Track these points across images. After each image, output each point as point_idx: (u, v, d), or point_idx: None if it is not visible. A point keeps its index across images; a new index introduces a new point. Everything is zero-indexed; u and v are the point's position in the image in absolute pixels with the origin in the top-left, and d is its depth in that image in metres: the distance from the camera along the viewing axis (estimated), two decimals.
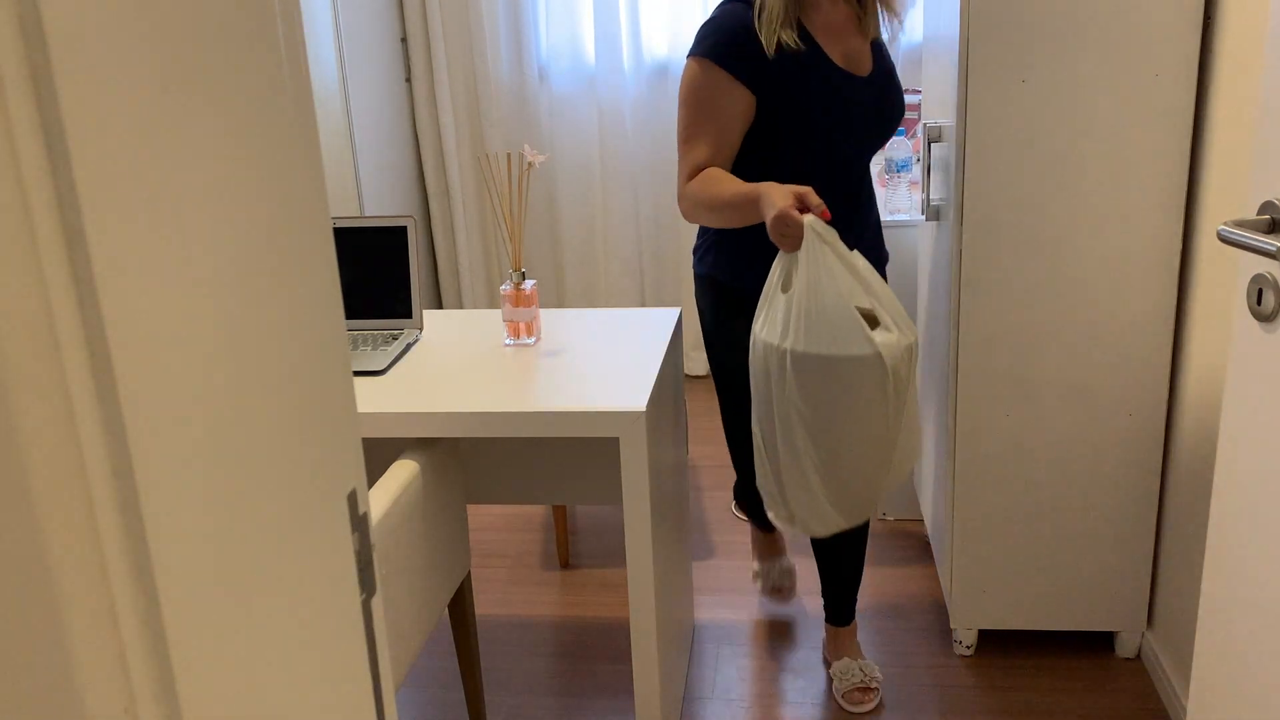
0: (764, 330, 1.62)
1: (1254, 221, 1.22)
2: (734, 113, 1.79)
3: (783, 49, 1.77)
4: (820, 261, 1.55)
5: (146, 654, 0.49)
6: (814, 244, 1.56)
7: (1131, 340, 2.05)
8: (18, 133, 0.41)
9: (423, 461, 1.73)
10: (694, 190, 1.80)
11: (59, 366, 0.43)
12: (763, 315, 1.64)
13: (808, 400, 1.58)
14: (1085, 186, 1.98)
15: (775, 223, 1.57)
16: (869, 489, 1.67)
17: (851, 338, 1.54)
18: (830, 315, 1.54)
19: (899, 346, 1.57)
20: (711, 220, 1.79)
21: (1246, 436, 1.28)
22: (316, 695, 0.65)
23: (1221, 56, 1.85)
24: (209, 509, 0.54)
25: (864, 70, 1.86)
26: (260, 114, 0.59)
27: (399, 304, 2.11)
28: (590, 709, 2.21)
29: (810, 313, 1.55)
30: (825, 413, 1.59)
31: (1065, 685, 2.19)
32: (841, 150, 1.86)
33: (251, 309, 0.58)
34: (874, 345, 1.54)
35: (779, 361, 1.59)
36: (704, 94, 1.79)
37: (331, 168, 3.10)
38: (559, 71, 3.80)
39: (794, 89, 1.78)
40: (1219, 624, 1.37)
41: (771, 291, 1.64)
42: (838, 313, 1.54)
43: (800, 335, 1.56)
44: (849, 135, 1.85)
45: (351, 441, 0.70)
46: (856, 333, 1.54)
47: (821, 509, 1.66)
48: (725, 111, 1.78)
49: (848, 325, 1.54)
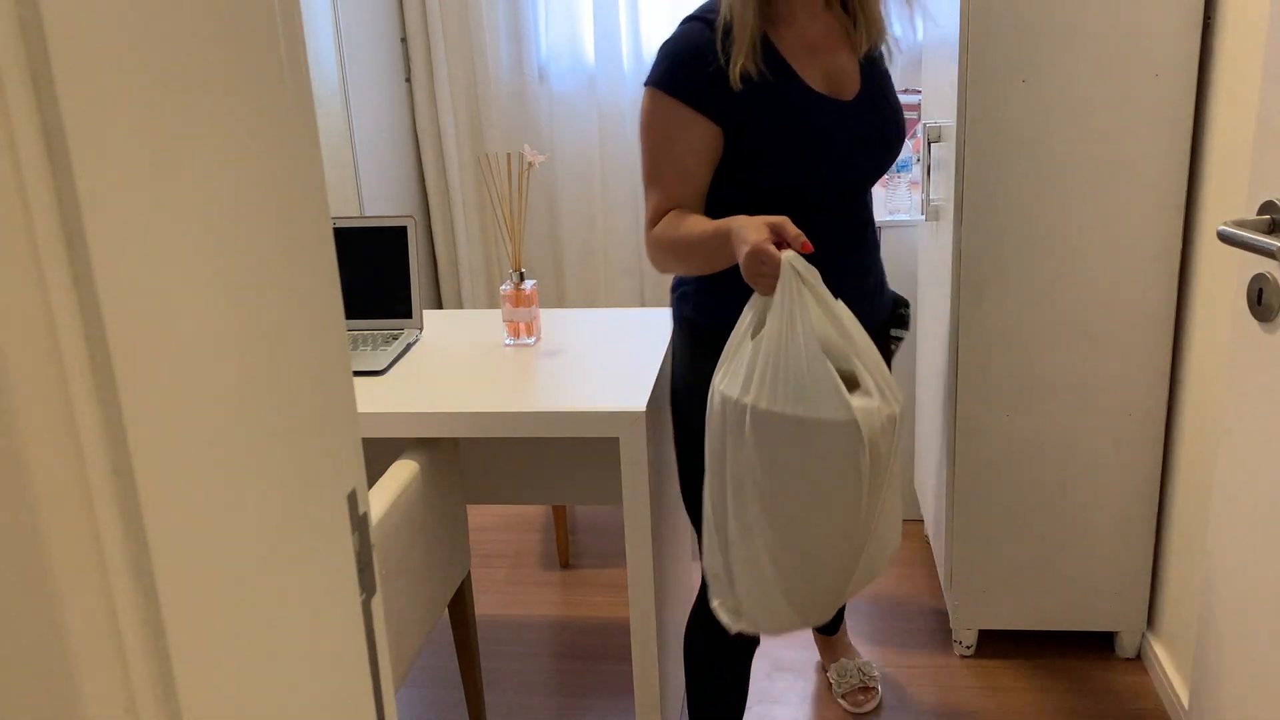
0: (724, 381, 1.40)
1: (1254, 221, 1.22)
2: (696, 149, 1.55)
3: (744, 77, 1.52)
4: (796, 305, 1.33)
5: (146, 654, 0.49)
6: (791, 284, 1.34)
7: (1131, 340, 2.05)
8: (18, 133, 0.41)
9: (423, 461, 1.73)
10: (659, 236, 1.57)
11: (59, 366, 0.43)
12: (726, 365, 1.42)
13: (767, 467, 1.36)
14: (1085, 186, 1.98)
15: (749, 260, 1.36)
16: (833, 583, 1.43)
17: (824, 398, 1.32)
18: (801, 369, 1.32)
19: (879, 415, 1.34)
20: (683, 267, 1.57)
21: (1246, 436, 1.28)
22: (316, 695, 0.65)
23: (1221, 56, 1.85)
24: (209, 509, 0.54)
25: (848, 92, 1.60)
26: (260, 114, 0.59)
27: (399, 304, 2.11)
28: (590, 709, 2.21)
29: (779, 363, 1.33)
30: (786, 484, 1.36)
31: (1065, 685, 2.19)
32: (828, 187, 1.60)
33: (251, 309, 0.58)
34: (849, 410, 1.31)
35: (738, 418, 1.37)
36: (660, 129, 1.55)
37: (331, 168, 3.10)
38: (559, 71, 3.80)
39: (763, 119, 1.54)
40: (1219, 624, 1.37)
41: (739, 338, 1.42)
42: (810, 367, 1.32)
43: (764, 389, 1.34)
44: (835, 169, 1.59)
45: (351, 441, 0.70)
46: (830, 393, 1.32)
47: (774, 601, 1.42)
48: (686, 148, 1.55)
49: (821, 382, 1.32)
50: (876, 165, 1.65)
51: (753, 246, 1.35)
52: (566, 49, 3.78)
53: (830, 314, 1.36)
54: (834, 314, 1.36)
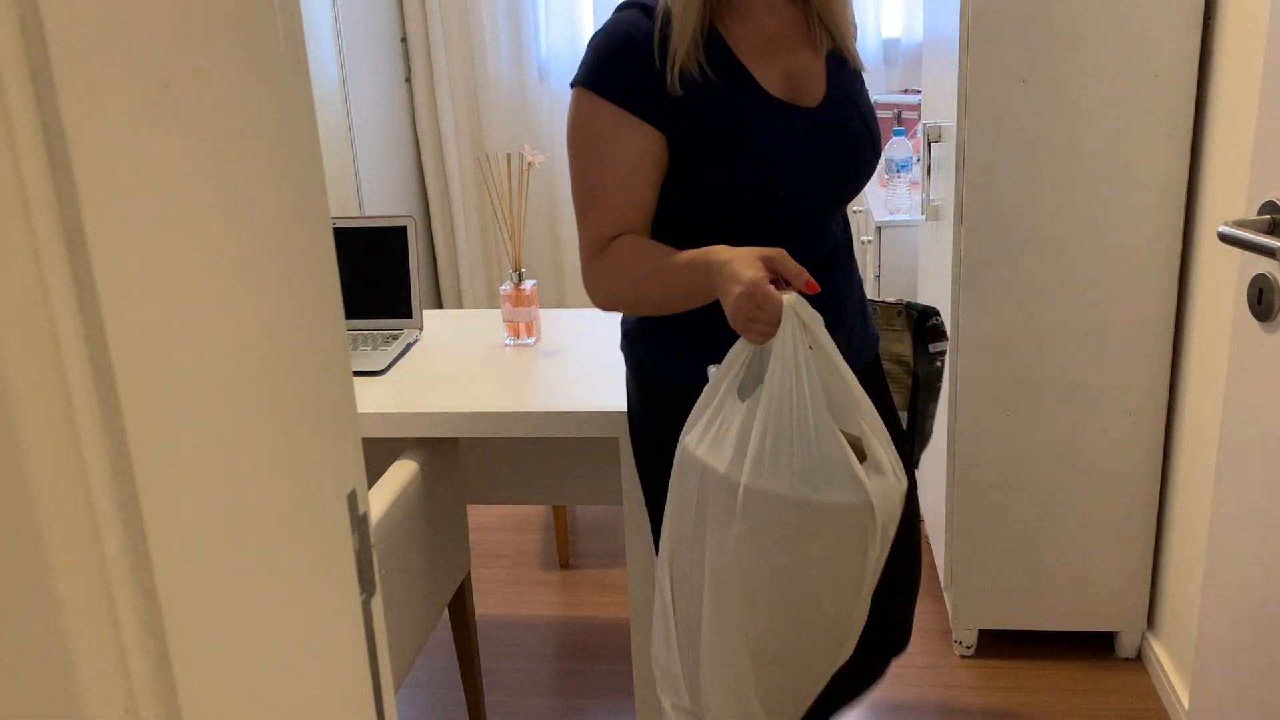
0: (702, 446, 1.17)
1: (1254, 221, 1.22)
2: (637, 161, 1.29)
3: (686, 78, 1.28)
4: (801, 361, 1.11)
5: (146, 654, 0.48)
6: (794, 334, 1.11)
7: (1131, 340, 2.05)
8: (18, 133, 0.41)
9: (423, 461, 1.73)
10: (609, 269, 1.30)
11: (59, 366, 0.43)
12: (701, 423, 1.19)
13: (758, 553, 1.14)
14: (1085, 186, 1.98)
15: (741, 303, 1.12)
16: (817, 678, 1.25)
17: (835, 476, 1.11)
18: (809, 440, 1.11)
19: (893, 495, 1.16)
20: (640, 307, 1.32)
21: (1246, 436, 1.28)
22: (316, 695, 0.65)
23: (1221, 56, 1.85)
24: (209, 509, 0.54)
25: (813, 97, 1.36)
26: (260, 114, 0.59)
27: (399, 304, 2.11)
28: (590, 709, 2.21)
29: (781, 433, 1.11)
30: (779, 573, 1.15)
31: (1065, 685, 2.19)
32: (791, 207, 1.35)
33: (251, 309, 0.58)
34: (864, 491, 1.11)
35: (725, 497, 1.14)
36: (593, 138, 1.30)
37: (331, 168, 3.10)
38: (559, 71, 3.80)
39: (711, 128, 1.30)
40: (1219, 624, 1.37)
41: (720, 392, 1.18)
42: (820, 438, 1.11)
43: (763, 464, 1.11)
44: (799, 187, 1.34)
45: (351, 441, 0.70)
46: (842, 470, 1.11)
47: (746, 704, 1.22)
48: (625, 160, 1.29)
49: (832, 458, 1.11)
50: (845, 184, 1.40)
51: (747, 287, 1.11)
52: (566, 49, 3.78)
53: (834, 369, 1.15)
54: (838, 369, 1.16)
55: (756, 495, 1.12)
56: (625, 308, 1.33)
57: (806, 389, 1.11)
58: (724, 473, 1.14)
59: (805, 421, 1.11)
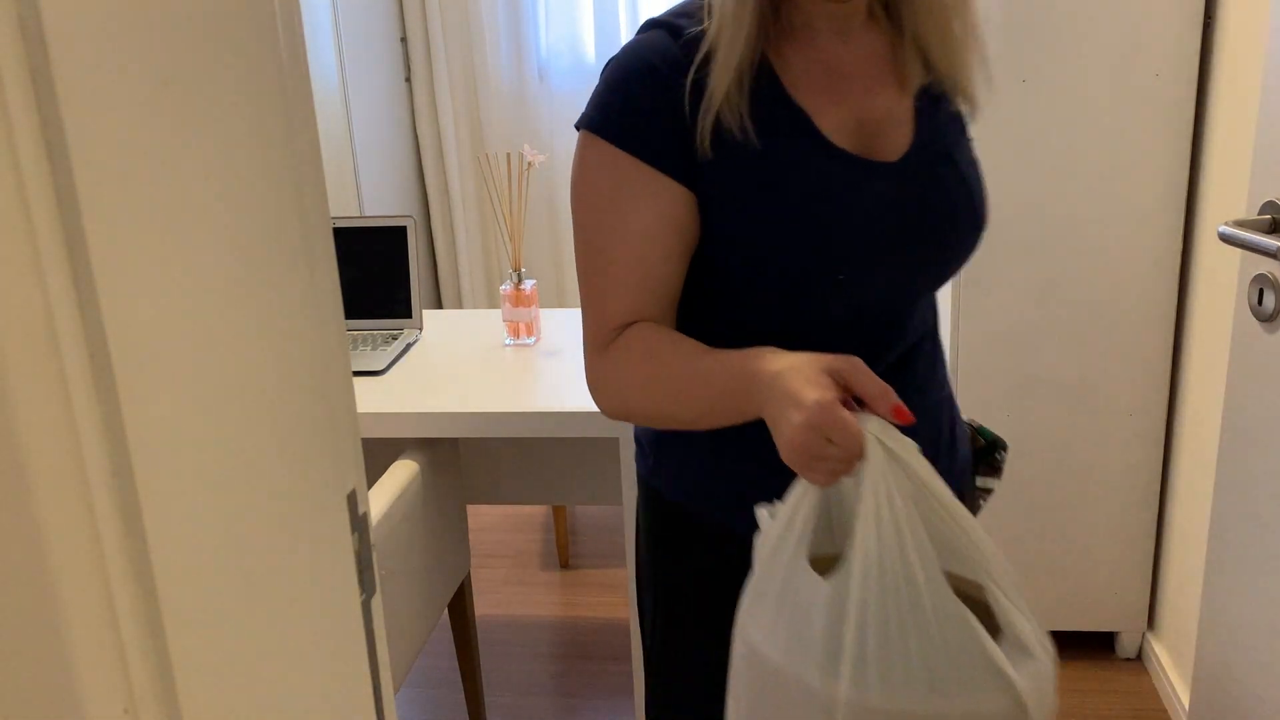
0: (775, 642, 0.84)
1: (1254, 221, 1.22)
2: (656, 228, 0.97)
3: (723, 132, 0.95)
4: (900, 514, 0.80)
5: (146, 654, 0.48)
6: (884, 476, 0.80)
7: (1131, 340, 2.05)
8: (18, 133, 0.41)
9: (423, 461, 1.73)
10: (618, 367, 0.98)
11: (59, 366, 0.43)
12: (767, 608, 0.86)
13: None
14: (1085, 186, 1.98)
15: (805, 436, 0.79)
16: None
17: (970, 669, 0.79)
18: (926, 624, 0.79)
19: (1048, 682, 0.84)
20: (658, 420, 0.98)
21: (1246, 436, 1.28)
22: (316, 695, 0.65)
23: (1221, 56, 1.85)
24: (209, 509, 0.54)
25: (893, 149, 1.00)
26: (260, 114, 0.59)
27: (399, 304, 2.11)
28: (590, 709, 2.21)
29: (887, 620, 0.79)
30: None
31: (1065, 685, 2.19)
32: (858, 293, 1.00)
33: (251, 309, 0.58)
34: (1013, 687, 0.80)
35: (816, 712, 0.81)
36: (601, 197, 0.98)
37: (331, 168, 3.10)
38: (559, 71, 3.80)
39: (752, 189, 0.97)
40: (1219, 624, 1.37)
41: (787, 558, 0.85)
42: (940, 619, 0.79)
43: (868, 668, 0.79)
44: (868, 268, 0.99)
45: (351, 441, 0.70)
46: (978, 660, 0.80)
47: None
48: (642, 226, 0.97)
49: (961, 645, 0.80)
50: (932, 265, 1.03)
51: (812, 414, 0.79)
52: (566, 49, 3.78)
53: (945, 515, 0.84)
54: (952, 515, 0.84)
55: (867, 713, 0.79)
56: (639, 418, 1.00)
57: (914, 553, 0.80)
58: (816, 685, 0.81)
59: (919, 600, 0.79)
